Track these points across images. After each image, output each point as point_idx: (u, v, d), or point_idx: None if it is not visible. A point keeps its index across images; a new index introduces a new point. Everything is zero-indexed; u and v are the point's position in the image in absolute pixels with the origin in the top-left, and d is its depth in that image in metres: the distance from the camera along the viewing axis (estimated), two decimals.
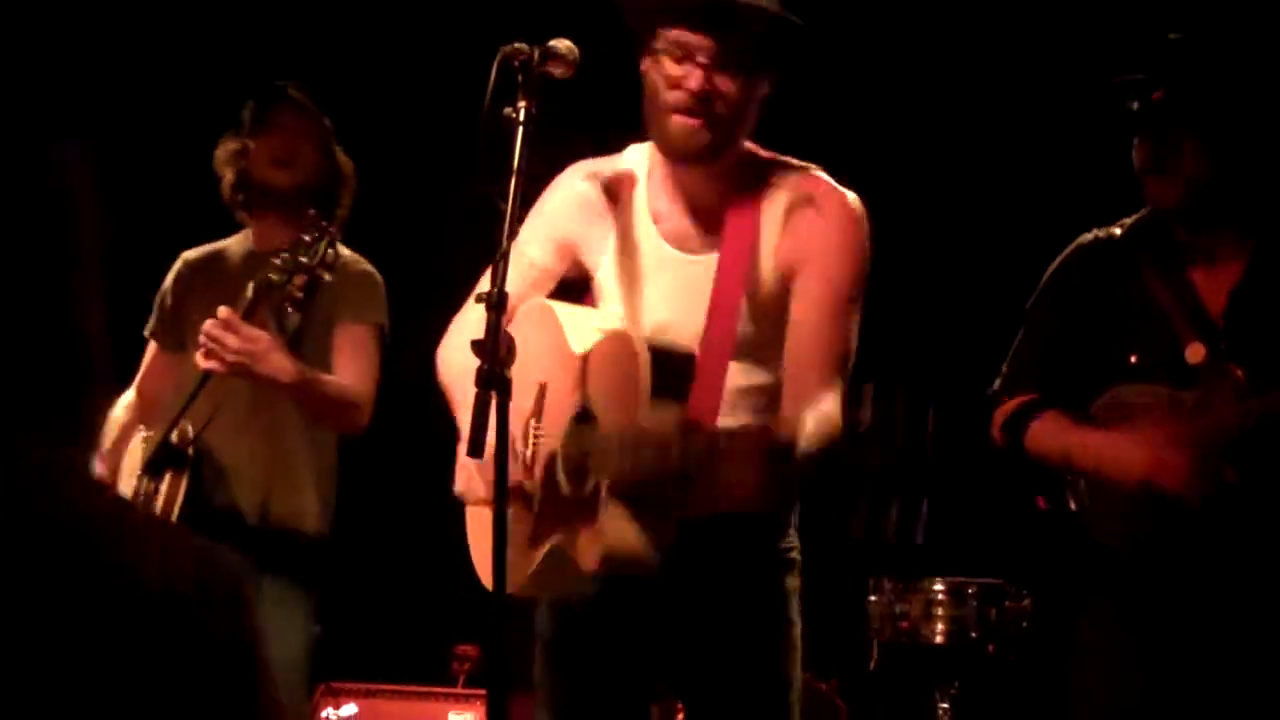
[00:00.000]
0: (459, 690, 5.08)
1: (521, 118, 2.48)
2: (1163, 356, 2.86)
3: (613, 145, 2.87)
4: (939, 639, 4.41)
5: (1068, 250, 3.05)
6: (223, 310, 3.26)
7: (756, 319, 2.66)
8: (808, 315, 2.60)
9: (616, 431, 2.47)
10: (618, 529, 2.50)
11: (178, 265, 3.74)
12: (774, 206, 2.66)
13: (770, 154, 2.74)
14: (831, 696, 5.06)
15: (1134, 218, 3.00)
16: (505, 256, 2.43)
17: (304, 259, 3.21)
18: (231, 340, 3.24)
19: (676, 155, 2.66)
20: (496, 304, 2.40)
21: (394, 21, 5.51)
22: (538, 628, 2.86)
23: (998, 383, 3.08)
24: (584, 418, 2.58)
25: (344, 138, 3.72)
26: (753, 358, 2.68)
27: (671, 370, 2.55)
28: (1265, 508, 2.78)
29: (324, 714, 4.82)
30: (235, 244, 3.71)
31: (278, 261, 3.24)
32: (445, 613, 5.46)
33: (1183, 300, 2.88)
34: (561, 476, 2.59)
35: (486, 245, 3.06)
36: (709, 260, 2.68)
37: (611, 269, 2.78)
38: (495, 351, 2.38)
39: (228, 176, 3.63)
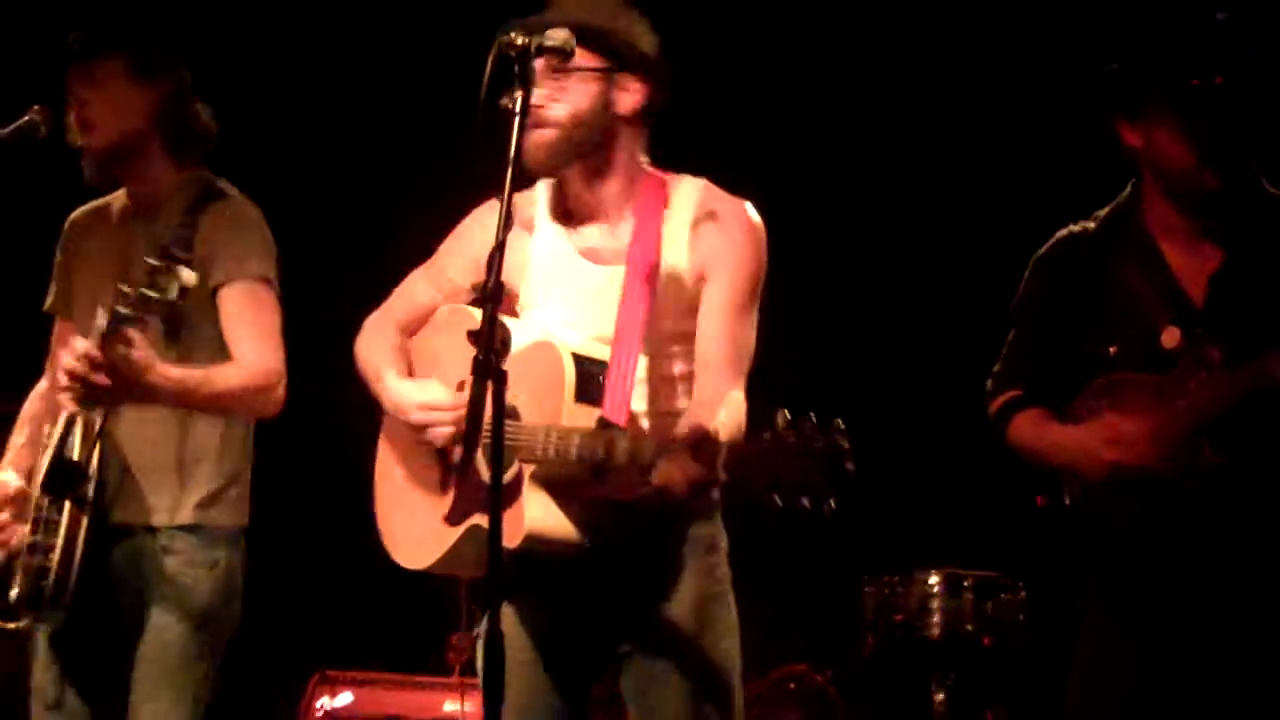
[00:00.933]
0: (455, 679, 5.07)
1: (517, 108, 2.48)
2: (1140, 345, 2.85)
3: None
4: (934, 631, 4.42)
5: (1046, 246, 3.06)
6: (79, 344, 3.07)
7: (668, 318, 2.85)
8: (715, 319, 2.82)
9: (542, 426, 2.70)
10: (539, 512, 2.74)
11: (65, 228, 3.53)
12: (678, 219, 2.87)
13: (668, 173, 2.94)
14: (827, 688, 5.07)
15: (1108, 209, 3.00)
16: (502, 247, 2.44)
17: (153, 294, 2.99)
18: (98, 379, 3.03)
19: (528, 170, 2.80)
20: (492, 295, 2.41)
21: (391, 13, 5.50)
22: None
23: (990, 381, 3.09)
24: (506, 413, 2.69)
25: (341, 130, 3.68)
26: (667, 353, 2.87)
27: (588, 378, 2.78)
28: (1251, 487, 2.79)
29: (319, 703, 4.82)
30: (117, 200, 3.48)
31: (126, 291, 3.01)
32: (440, 602, 5.46)
33: (1160, 287, 2.87)
34: (482, 464, 2.77)
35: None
36: (617, 270, 2.87)
37: (530, 283, 2.97)
38: (491, 342, 2.39)
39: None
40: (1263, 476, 2.78)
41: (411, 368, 3.03)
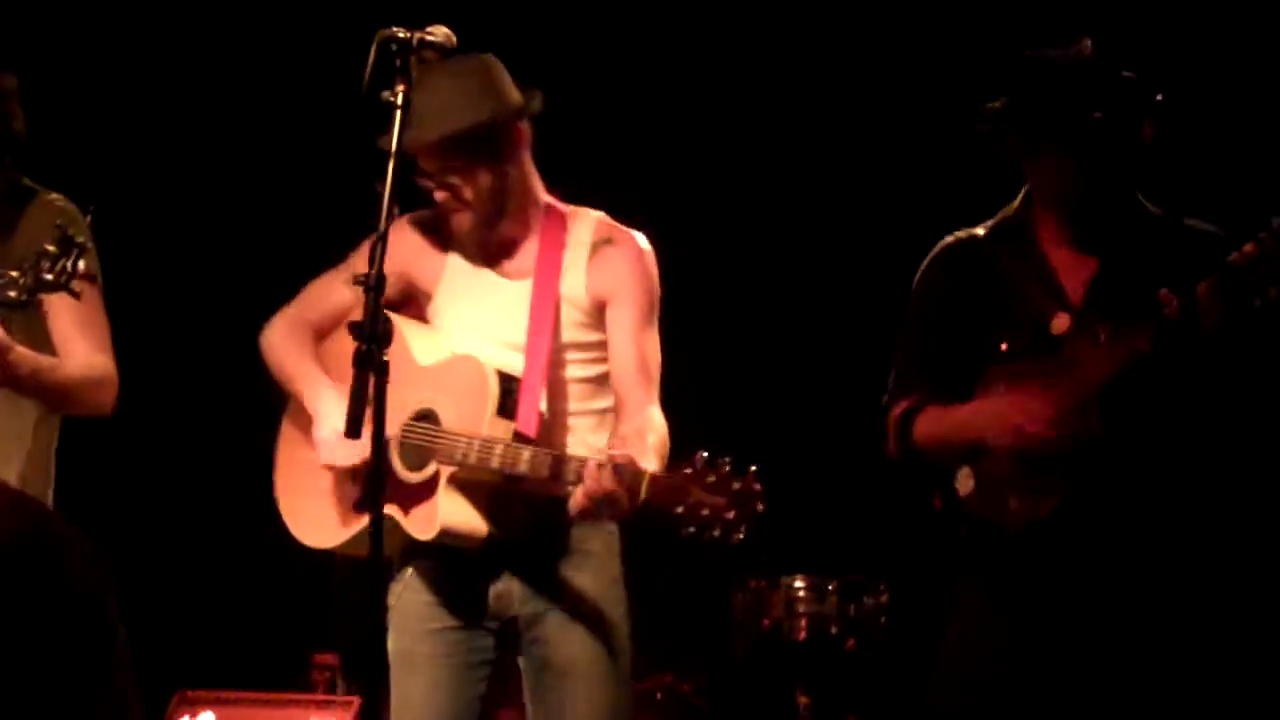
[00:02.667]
0: (319, 696, 5.01)
1: (399, 101, 2.50)
2: (1030, 335, 2.95)
3: None
4: (800, 635, 4.49)
5: (931, 254, 3.15)
6: None
7: (574, 326, 3.09)
8: (626, 340, 3.06)
9: (464, 434, 2.93)
10: (452, 510, 2.96)
11: None
12: (576, 240, 3.12)
13: (567, 206, 3.18)
14: (691, 698, 5.10)
15: (998, 216, 3.11)
16: (384, 239, 2.45)
17: (48, 277, 2.92)
18: None
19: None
20: (375, 286, 2.42)
21: (273, 6, 5.46)
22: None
23: (885, 395, 3.15)
24: (424, 416, 3.02)
25: (220, 122, 3.62)
26: (564, 360, 3.09)
27: (506, 393, 3.00)
28: (1134, 457, 2.88)
29: None
30: None
31: (15, 275, 2.94)
32: (302, 620, 5.41)
33: (1044, 283, 2.98)
34: (397, 459, 2.99)
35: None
36: (523, 286, 3.10)
37: (443, 292, 3.17)
38: (374, 334, 2.40)
39: None
40: (1145, 445, 2.88)
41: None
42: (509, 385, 2.99)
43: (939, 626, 3.13)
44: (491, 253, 3.13)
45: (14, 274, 2.92)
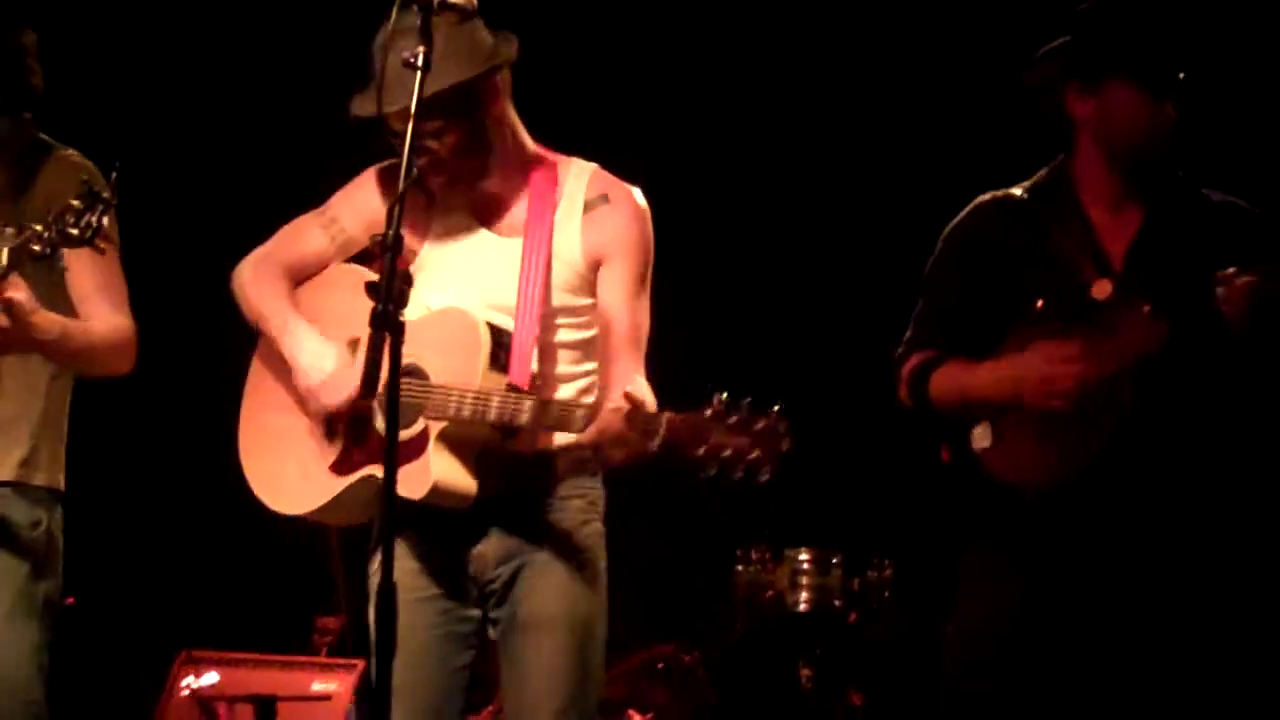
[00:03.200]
0: (322, 659, 5.03)
1: (420, 61, 2.49)
2: (1069, 297, 2.94)
3: None
4: (803, 607, 4.50)
5: (964, 211, 3.13)
6: None
7: (558, 293, 2.98)
8: (618, 304, 2.98)
9: (455, 387, 2.82)
10: (444, 467, 2.85)
11: None
12: (570, 197, 3.00)
13: (558, 155, 3.07)
14: (695, 669, 5.13)
15: (1034, 178, 3.10)
16: (402, 200, 2.45)
17: (73, 231, 2.91)
18: None
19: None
20: (392, 246, 2.42)
21: None
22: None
23: (900, 346, 3.14)
24: (411, 372, 2.87)
25: (242, 84, 3.60)
26: (555, 324, 2.99)
27: (498, 346, 2.90)
28: (1166, 434, 2.89)
29: (184, 682, 4.73)
30: None
31: (40, 229, 2.93)
32: (305, 584, 5.43)
33: (1085, 243, 2.98)
34: (380, 419, 2.86)
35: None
36: (514, 244, 2.99)
37: (430, 247, 3.04)
38: (390, 293, 2.39)
39: None
40: (1176, 421, 2.89)
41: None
42: (500, 338, 2.89)
43: (943, 601, 3.14)
44: (479, 207, 3.03)
45: (38, 227, 2.92)
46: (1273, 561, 3.04)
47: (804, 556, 4.54)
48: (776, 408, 2.57)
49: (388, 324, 2.40)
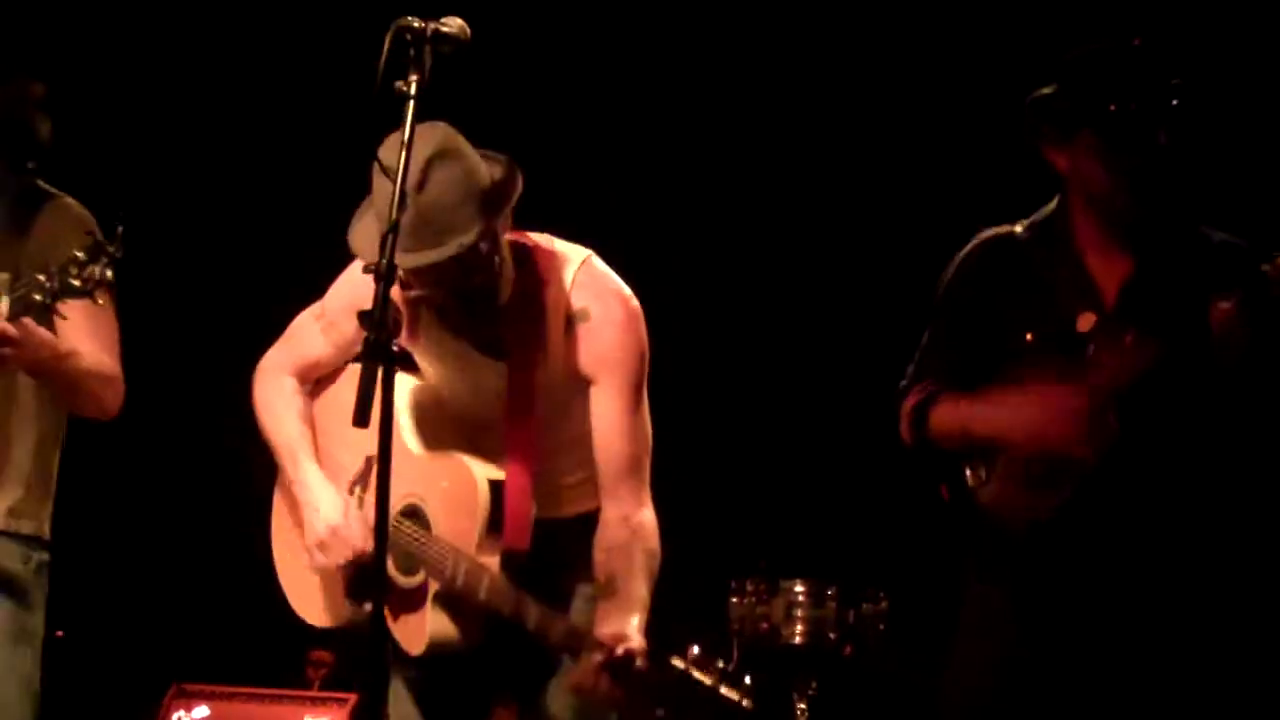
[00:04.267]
0: (314, 693, 5.02)
1: (412, 91, 2.49)
2: (1056, 330, 2.96)
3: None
4: (798, 640, 4.49)
5: (965, 250, 3.15)
6: None
7: (557, 397, 2.92)
8: (612, 426, 2.89)
9: (451, 550, 2.85)
10: (441, 626, 2.89)
11: None
12: (556, 310, 2.90)
13: (539, 243, 2.95)
14: None
15: (1034, 216, 3.12)
16: (395, 229, 2.44)
17: (75, 282, 2.92)
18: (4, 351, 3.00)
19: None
20: (386, 275, 2.41)
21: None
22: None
23: (903, 382, 3.15)
24: (412, 514, 2.94)
25: (238, 111, 3.61)
26: (555, 467, 2.96)
27: (495, 505, 2.86)
28: (1151, 458, 2.89)
29: (175, 716, 4.73)
30: None
31: (42, 279, 2.94)
32: (297, 618, 5.40)
33: (1078, 283, 2.99)
34: (397, 576, 2.92)
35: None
36: (502, 366, 2.93)
37: (421, 356, 3.02)
38: (384, 323, 2.40)
39: None
40: (1162, 448, 2.89)
41: (315, 427, 3.10)
42: (498, 494, 2.87)
43: (938, 636, 3.13)
44: (467, 323, 2.93)
45: (40, 277, 2.94)
46: (1269, 586, 3.03)
47: (799, 588, 4.52)
48: (748, 679, 2.59)
49: (381, 354, 2.39)
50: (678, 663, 2.56)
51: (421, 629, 2.87)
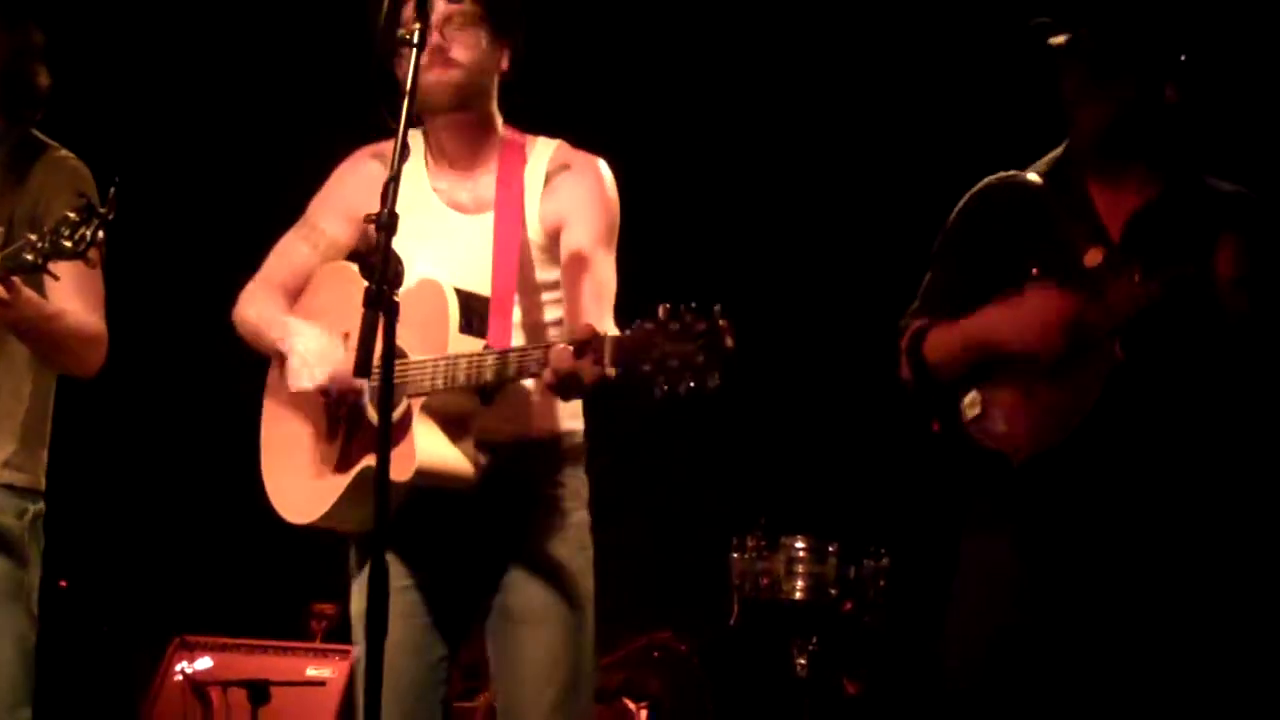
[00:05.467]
0: (317, 645, 5.03)
1: (415, 40, 2.49)
2: (1062, 264, 2.96)
3: None
4: (799, 595, 4.50)
5: (971, 192, 3.15)
6: None
7: (534, 266, 2.97)
8: (579, 260, 2.92)
9: (428, 358, 2.78)
10: (429, 444, 2.79)
11: None
12: (534, 172, 3.00)
13: (525, 135, 3.06)
14: (690, 658, 5.13)
15: (1043, 159, 3.12)
16: (397, 178, 2.44)
17: (67, 244, 2.89)
18: None
19: (429, 107, 2.95)
20: (386, 224, 2.41)
21: None
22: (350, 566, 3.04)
23: (903, 318, 3.15)
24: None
25: (235, 61, 3.58)
26: (536, 301, 2.98)
27: (471, 312, 2.86)
28: (1155, 395, 2.88)
29: (178, 666, 4.75)
30: None
31: (34, 239, 2.93)
32: (301, 570, 5.42)
33: (1083, 218, 3.00)
34: (370, 408, 2.85)
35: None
36: (485, 219, 2.97)
37: (403, 235, 2.90)
38: (385, 271, 2.39)
39: None
40: (1166, 380, 2.89)
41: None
42: (472, 303, 2.85)
43: (940, 591, 3.13)
44: (446, 186, 3.02)
45: (32, 237, 2.93)
46: (1270, 530, 3.02)
47: (800, 545, 4.53)
48: (717, 307, 2.47)
49: (382, 302, 2.39)
50: (648, 323, 2.48)
51: (409, 453, 2.78)
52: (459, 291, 2.85)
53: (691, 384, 2.42)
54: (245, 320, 3.09)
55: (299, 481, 3.00)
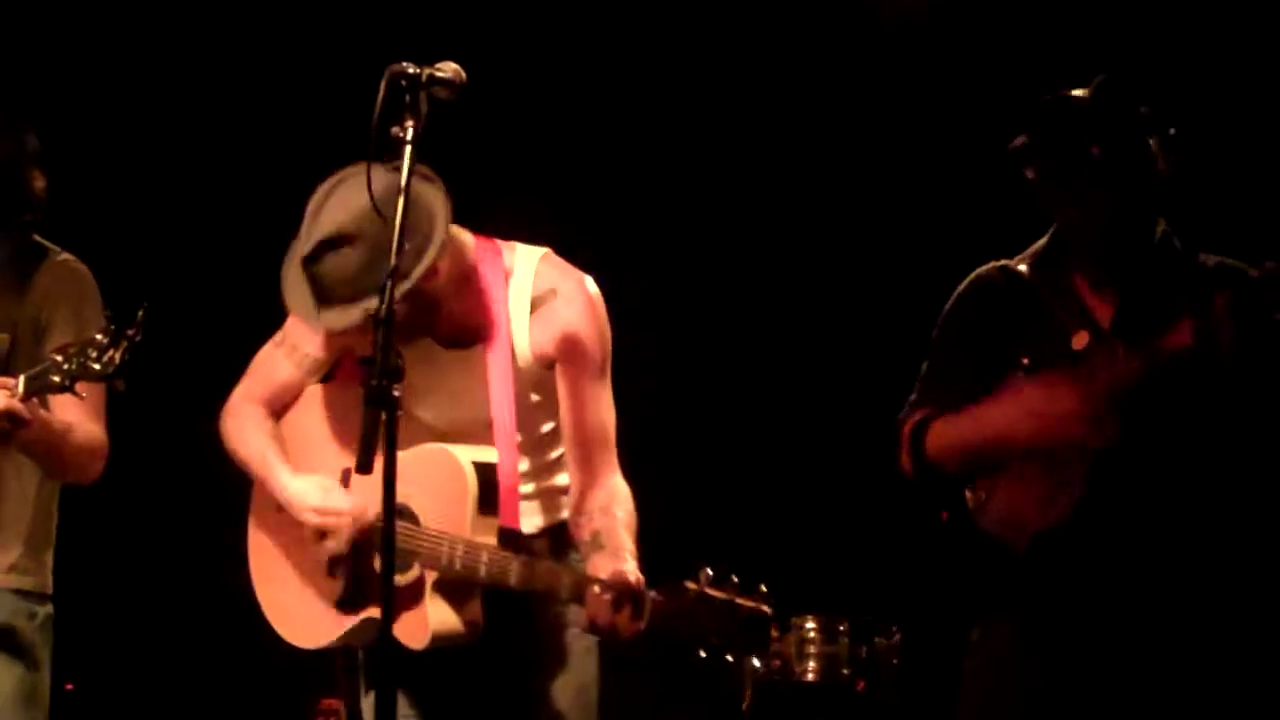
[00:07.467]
0: None
1: (408, 137, 2.49)
2: (1052, 351, 2.97)
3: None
4: (811, 677, 4.47)
5: (966, 282, 3.18)
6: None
7: (531, 401, 2.95)
8: (578, 405, 2.91)
9: (446, 536, 2.81)
10: (441, 616, 2.84)
11: None
12: (519, 295, 2.93)
13: (502, 243, 2.98)
14: None
15: (1033, 247, 3.15)
16: (394, 273, 2.44)
17: (95, 366, 2.94)
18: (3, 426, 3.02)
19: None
20: (385, 320, 2.41)
21: (281, 39, 5.48)
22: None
23: (902, 412, 3.15)
24: (401, 513, 2.81)
25: (235, 153, 3.59)
26: (541, 439, 2.97)
27: (485, 484, 2.87)
28: (1152, 465, 2.89)
29: None
30: None
31: (60, 360, 2.97)
32: (307, 668, 5.37)
33: (1071, 307, 3.02)
34: (377, 558, 2.81)
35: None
36: (474, 353, 2.93)
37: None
38: (385, 369, 2.39)
39: None
40: (1162, 455, 2.89)
41: (285, 450, 3.05)
42: (486, 475, 2.85)
43: (952, 668, 3.12)
44: (433, 324, 2.93)
45: (58, 358, 2.96)
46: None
47: (810, 625, 4.50)
48: (763, 588, 2.58)
49: (382, 400, 2.39)
50: (691, 585, 2.55)
51: (423, 622, 2.83)
52: (476, 466, 2.85)
53: (729, 658, 2.56)
54: (229, 442, 3.09)
55: (301, 609, 3.01)
